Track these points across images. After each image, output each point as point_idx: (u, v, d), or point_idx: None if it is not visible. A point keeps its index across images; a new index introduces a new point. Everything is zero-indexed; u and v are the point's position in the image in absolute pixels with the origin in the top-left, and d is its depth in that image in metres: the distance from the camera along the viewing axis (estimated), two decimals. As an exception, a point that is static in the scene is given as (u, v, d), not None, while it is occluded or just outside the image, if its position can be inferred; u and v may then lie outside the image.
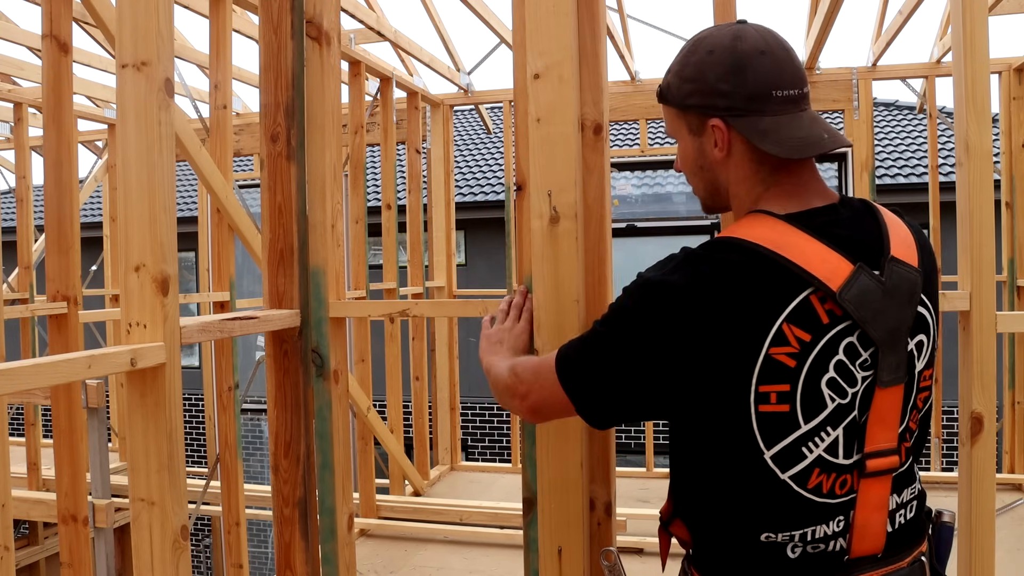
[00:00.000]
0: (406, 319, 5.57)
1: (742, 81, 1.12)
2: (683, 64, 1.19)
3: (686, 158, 1.24)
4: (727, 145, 1.16)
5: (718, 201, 1.26)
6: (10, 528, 3.10)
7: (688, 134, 1.21)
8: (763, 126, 1.12)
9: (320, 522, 2.03)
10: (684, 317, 1.05)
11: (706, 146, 1.19)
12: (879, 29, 4.64)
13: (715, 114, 1.15)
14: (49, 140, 2.98)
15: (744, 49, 1.13)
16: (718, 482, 1.13)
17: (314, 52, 2.02)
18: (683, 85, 1.18)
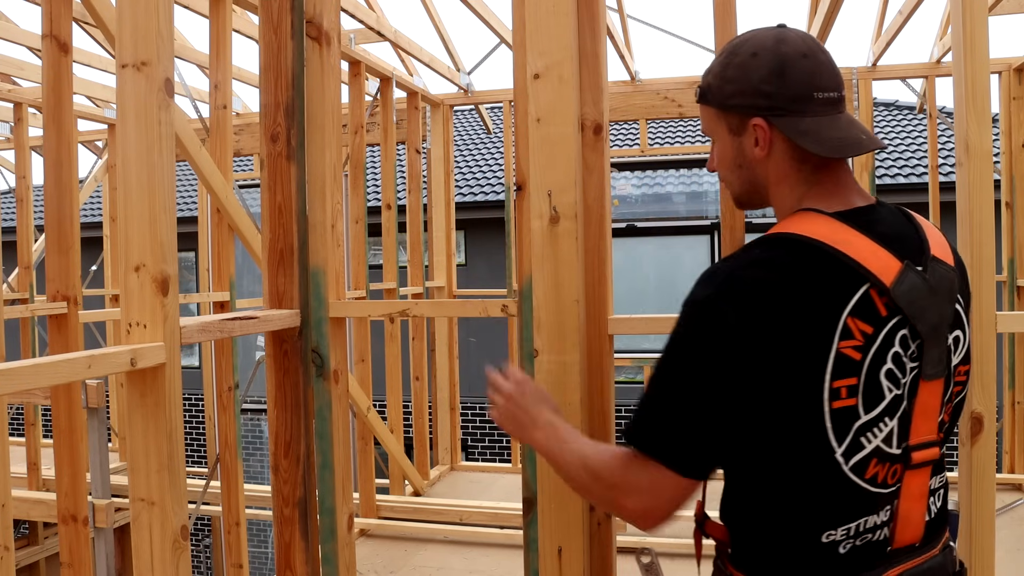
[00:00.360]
0: (406, 319, 5.57)
1: (785, 83, 1.16)
2: (725, 66, 1.22)
3: (724, 157, 1.27)
4: (768, 144, 1.19)
5: (754, 199, 1.28)
6: (10, 528, 3.10)
7: (727, 134, 1.24)
8: (804, 126, 1.16)
9: (320, 522, 2.02)
10: (757, 322, 1.06)
11: (746, 145, 1.22)
12: (879, 29, 4.64)
13: (757, 114, 1.18)
14: (49, 140, 2.98)
15: (787, 52, 1.16)
16: (781, 483, 1.12)
17: (314, 52, 2.02)
18: (725, 86, 1.21)
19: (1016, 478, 4.56)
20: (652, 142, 11.03)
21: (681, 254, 10.14)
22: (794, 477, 1.11)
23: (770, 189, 1.23)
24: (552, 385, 1.65)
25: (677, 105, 5.10)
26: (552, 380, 1.65)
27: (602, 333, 1.74)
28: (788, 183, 1.21)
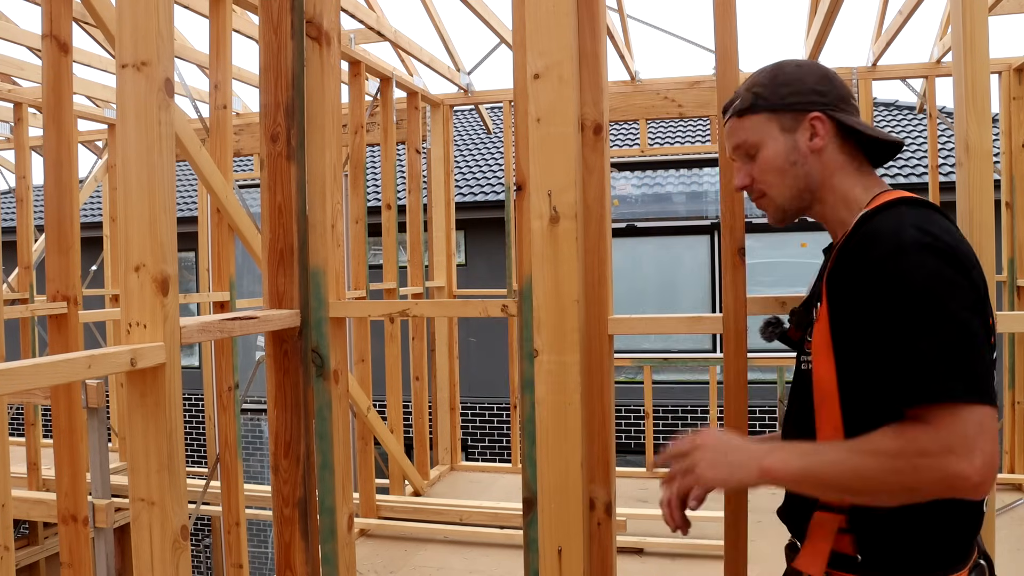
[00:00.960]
0: (406, 319, 5.57)
1: (834, 85, 1.34)
2: (774, 75, 1.36)
3: (774, 159, 1.35)
4: (825, 135, 1.32)
5: (804, 200, 1.36)
6: (10, 528, 3.10)
7: (780, 133, 1.34)
8: (852, 121, 1.32)
9: (320, 522, 2.03)
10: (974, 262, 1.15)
11: (800, 140, 1.33)
12: (879, 29, 4.64)
13: (816, 108, 1.32)
14: (49, 140, 2.98)
15: (824, 67, 1.37)
16: None
17: (314, 52, 2.02)
18: (779, 88, 1.34)
19: (1016, 478, 4.55)
20: (652, 142, 11.03)
21: (681, 254, 10.14)
22: None
23: (824, 185, 1.34)
24: (552, 385, 1.65)
25: (677, 105, 5.10)
26: (552, 380, 1.65)
27: (602, 333, 1.74)
28: (843, 175, 1.33)
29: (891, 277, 1.10)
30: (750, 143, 1.36)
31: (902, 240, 1.12)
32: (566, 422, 1.59)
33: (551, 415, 1.61)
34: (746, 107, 1.36)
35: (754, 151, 1.36)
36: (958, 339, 1.07)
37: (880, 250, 1.13)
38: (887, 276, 1.11)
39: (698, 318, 1.84)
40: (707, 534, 3.80)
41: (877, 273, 1.12)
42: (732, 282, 1.78)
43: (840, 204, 1.33)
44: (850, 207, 1.31)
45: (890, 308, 1.10)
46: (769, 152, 1.35)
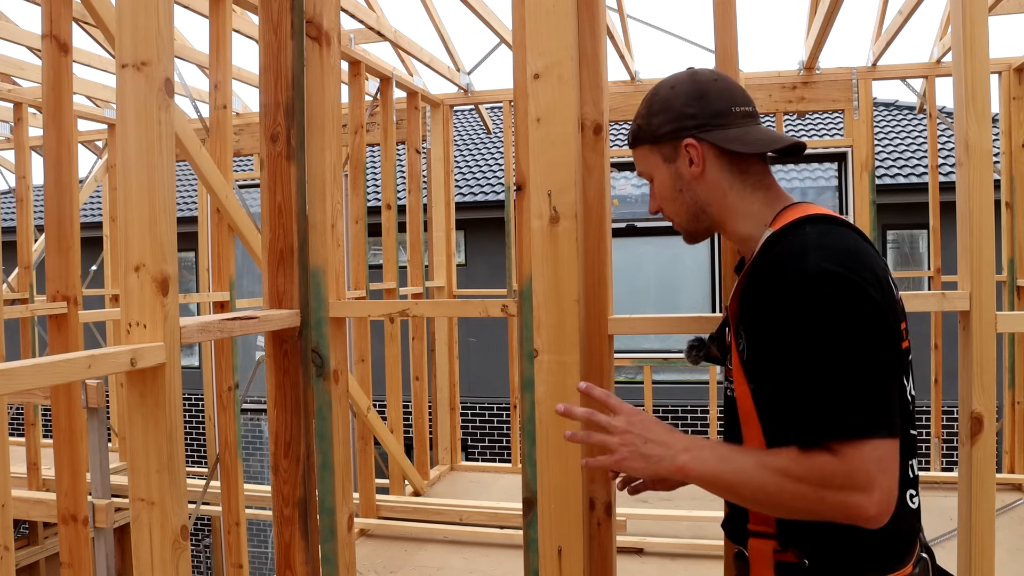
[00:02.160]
0: (406, 319, 5.57)
1: (705, 102, 1.30)
2: (649, 104, 1.36)
3: (663, 187, 1.38)
4: (702, 159, 1.31)
5: (702, 222, 1.38)
6: (10, 528, 3.10)
7: (662, 163, 1.36)
8: (731, 135, 1.29)
9: (320, 522, 2.03)
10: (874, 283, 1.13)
11: (681, 168, 1.33)
12: (879, 29, 4.64)
13: (687, 134, 1.31)
14: (49, 140, 2.98)
15: (701, 78, 1.33)
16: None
17: (314, 52, 2.02)
18: (652, 119, 1.34)
19: (1016, 478, 4.56)
20: (652, 142, 11.00)
21: (681, 254, 10.13)
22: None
23: (715, 205, 1.34)
24: (552, 385, 1.65)
25: (677, 105, 5.09)
26: (552, 380, 1.65)
27: (602, 333, 1.74)
28: (735, 193, 1.32)
29: (795, 312, 1.11)
30: (644, 174, 1.40)
31: (806, 270, 1.12)
32: (566, 422, 1.59)
33: (551, 415, 1.61)
34: (631, 140, 1.39)
35: (651, 181, 1.40)
36: (860, 374, 1.08)
37: (784, 280, 1.13)
38: (791, 310, 1.12)
39: (698, 318, 1.84)
40: (707, 534, 3.80)
41: (782, 306, 1.13)
42: (732, 282, 1.78)
43: (740, 223, 1.32)
44: (752, 224, 1.30)
45: (794, 343, 1.11)
46: (657, 183, 1.38)
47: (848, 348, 1.08)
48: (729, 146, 1.28)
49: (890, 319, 1.13)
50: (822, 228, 1.18)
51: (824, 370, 1.08)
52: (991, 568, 1.68)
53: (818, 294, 1.10)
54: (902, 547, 1.20)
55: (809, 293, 1.10)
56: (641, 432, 1.19)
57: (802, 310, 1.11)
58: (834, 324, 1.09)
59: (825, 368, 1.09)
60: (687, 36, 7.24)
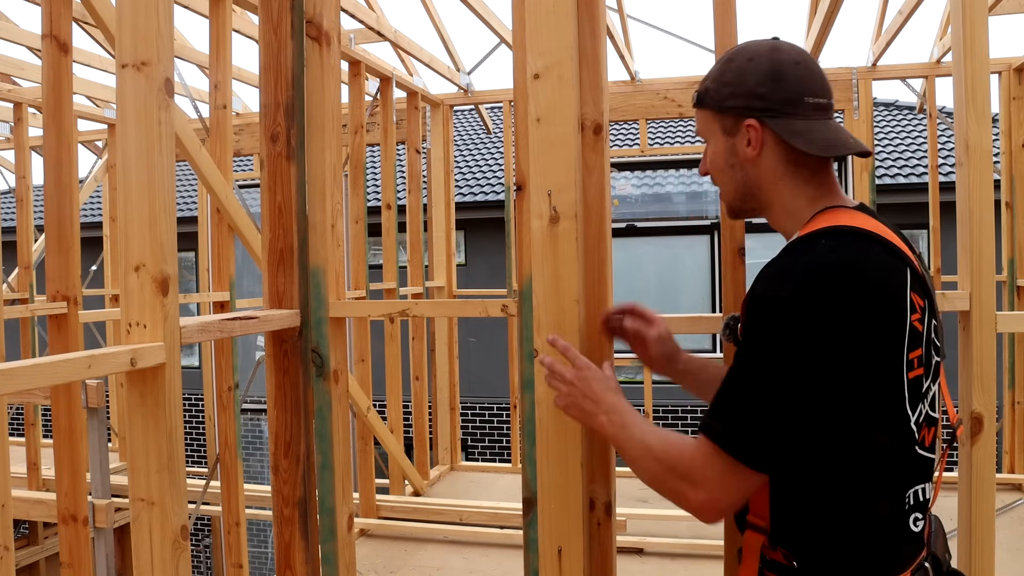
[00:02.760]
0: (406, 319, 5.57)
1: (779, 86, 1.24)
2: (722, 70, 1.30)
3: (716, 157, 1.33)
4: (760, 144, 1.26)
5: (748, 202, 1.33)
6: (10, 528, 3.10)
7: (721, 134, 1.30)
8: (796, 127, 1.24)
9: (320, 522, 2.02)
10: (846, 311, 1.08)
11: (739, 145, 1.28)
12: (879, 29, 4.64)
13: (751, 115, 1.26)
14: (49, 140, 2.98)
15: (781, 58, 1.26)
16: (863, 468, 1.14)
17: (314, 52, 2.02)
18: (722, 88, 1.29)
19: (1016, 478, 4.56)
20: (652, 142, 11.02)
21: (681, 254, 10.14)
22: (877, 456, 1.14)
23: (764, 190, 1.29)
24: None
25: (677, 105, 5.10)
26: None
27: (602, 333, 1.74)
28: (787, 184, 1.28)
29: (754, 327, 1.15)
30: (702, 134, 1.35)
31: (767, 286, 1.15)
32: (566, 422, 1.59)
33: (551, 415, 1.61)
34: (696, 101, 1.34)
35: (706, 144, 1.35)
36: (758, 396, 1.11)
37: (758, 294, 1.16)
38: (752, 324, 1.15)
39: (698, 318, 1.84)
40: (707, 534, 3.80)
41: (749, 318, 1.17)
42: (732, 282, 1.78)
43: (784, 215, 1.30)
44: (794, 220, 1.28)
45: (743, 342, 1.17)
46: (712, 151, 1.33)
47: (767, 369, 1.11)
48: (791, 140, 1.23)
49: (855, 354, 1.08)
50: (835, 243, 1.14)
51: (737, 380, 1.15)
52: (991, 568, 1.68)
53: (764, 313, 1.14)
54: (893, 555, 1.18)
55: (771, 313, 1.12)
56: (582, 387, 1.36)
57: (758, 327, 1.14)
58: (766, 345, 1.12)
59: (739, 379, 1.15)
60: (687, 36, 7.23)
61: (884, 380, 1.11)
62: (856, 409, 1.11)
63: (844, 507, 1.15)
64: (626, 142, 11.53)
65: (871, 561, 1.16)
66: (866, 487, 1.15)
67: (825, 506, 1.16)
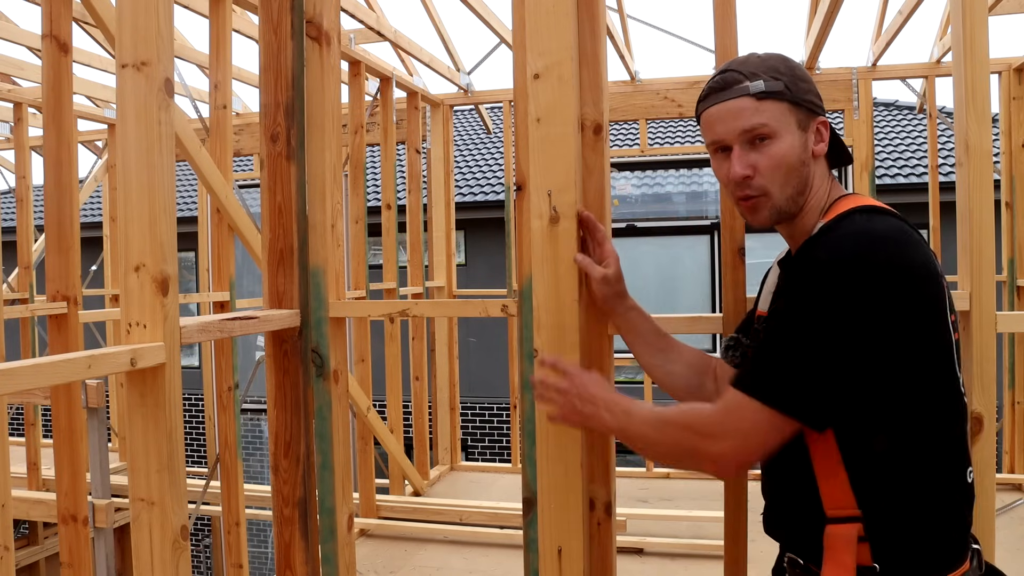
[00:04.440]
0: (406, 319, 5.57)
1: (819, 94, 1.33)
2: (793, 68, 1.30)
3: (790, 152, 1.27)
4: (826, 143, 1.31)
5: (797, 203, 1.31)
6: (10, 528, 3.10)
7: (796, 128, 1.28)
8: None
9: (320, 522, 2.03)
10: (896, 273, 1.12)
11: (810, 142, 1.30)
12: (879, 29, 4.64)
13: (822, 113, 1.31)
14: (49, 140, 2.98)
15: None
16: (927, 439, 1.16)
17: (314, 52, 2.02)
18: (799, 83, 1.29)
19: (1016, 478, 4.56)
20: (652, 142, 11.02)
21: (681, 254, 10.13)
22: (940, 418, 1.17)
23: (813, 189, 1.31)
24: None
25: (677, 105, 5.10)
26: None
27: (602, 333, 1.74)
28: (824, 182, 1.33)
29: (818, 279, 1.14)
30: (768, 129, 1.25)
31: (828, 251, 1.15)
32: (566, 422, 1.59)
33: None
34: (772, 91, 1.25)
35: (767, 140, 1.26)
36: (816, 350, 1.12)
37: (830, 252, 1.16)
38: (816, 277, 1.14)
39: (698, 318, 1.84)
40: (707, 534, 3.80)
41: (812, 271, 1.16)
42: (732, 282, 1.78)
43: (812, 215, 1.31)
44: (815, 217, 1.30)
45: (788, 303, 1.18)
46: (785, 145, 1.26)
47: (822, 327, 1.11)
48: (838, 143, 1.32)
49: (904, 311, 1.11)
50: (869, 216, 1.20)
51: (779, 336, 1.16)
52: (991, 568, 1.68)
53: (822, 274, 1.13)
54: (963, 541, 1.19)
55: (831, 272, 1.12)
56: (578, 392, 1.36)
57: (813, 286, 1.13)
58: (822, 304, 1.12)
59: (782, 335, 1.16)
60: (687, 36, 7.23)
61: (936, 341, 1.15)
62: (913, 367, 1.13)
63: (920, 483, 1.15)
64: (626, 142, 11.53)
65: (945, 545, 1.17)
66: (937, 456, 1.16)
67: (908, 482, 1.15)
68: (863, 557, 1.16)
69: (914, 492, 1.15)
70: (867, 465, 1.16)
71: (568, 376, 1.39)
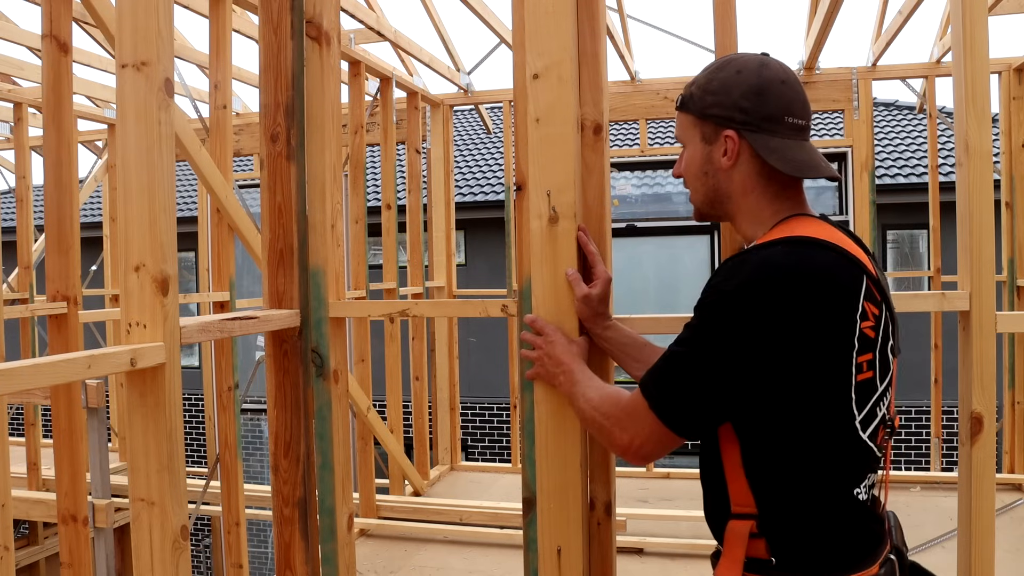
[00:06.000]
0: (406, 319, 5.57)
1: (762, 102, 1.29)
2: (709, 78, 1.34)
3: (692, 163, 1.37)
4: (735, 156, 1.31)
5: (716, 209, 1.39)
6: (10, 528, 3.10)
7: (700, 141, 1.35)
8: (773, 144, 1.29)
9: (320, 522, 2.03)
10: (786, 311, 1.15)
11: (715, 154, 1.33)
12: (879, 29, 4.64)
13: (731, 126, 1.30)
14: (49, 140, 2.98)
15: (768, 75, 1.30)
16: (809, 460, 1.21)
17: (314, 52, 2.02)
18: (706, 96, 1.32)
19: (1016, 478, 4.56)
20: (652, 142, 11.02)
21: (681, 254, 10.14)
22: (819, 446, 1.21)
23: (733, 200, 1.35)
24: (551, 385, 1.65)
25: (677, 105, 5.09)
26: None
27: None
28: (756, 196, 1.33)
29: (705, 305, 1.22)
30: (681, 139, 1.39)
31: (720, 277, 1.21)
32: (566, 422, 1.59)
33: (551, 415, 1.61)
34: (679, 104, 1.38)
35: (685, 148, 1.39)
36: (689, 371, 1.21)
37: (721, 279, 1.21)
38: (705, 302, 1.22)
39: (698, 318, 1.83)
40: (707, 534, 3.79)
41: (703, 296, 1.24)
42: (732, 282, 1.77)
43: (748, 225, 1.34)
44: (757, 227, 1.33)
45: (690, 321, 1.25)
46: (688, 155, 1.38)
47: (704, 351, 1.19)
48: (766, 156, 1.28)
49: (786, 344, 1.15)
50: (790, 249, 1.20)
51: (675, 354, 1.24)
52: (991, 568, 1.68)
53: (712, 300, 1.21)
54: (867, 545, 1.25)
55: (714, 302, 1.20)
56: (550, 353, 1.53)
57: (702, 311, 1.22)
58: (708, 330, 1.20)
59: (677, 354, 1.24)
60: (687, 36, 7.23)
61: (820, 381, 1.18)
62: (791, 397, 1.18)
63: (804, 494, 1.22)
64: (626, 142, 11.53)
65: (838, 549, 1.22)
66: (819, 475, 1.22)
67: (794, 491, 1.22)
68: (759, 551, 1.24)
69: (798, 500, 1.22)
70: (760, 471, 1.24)
71: (544, 335, 1.55)
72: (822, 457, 1.21)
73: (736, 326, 1.16)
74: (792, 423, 1.20)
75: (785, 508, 1.23)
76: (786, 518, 1.23)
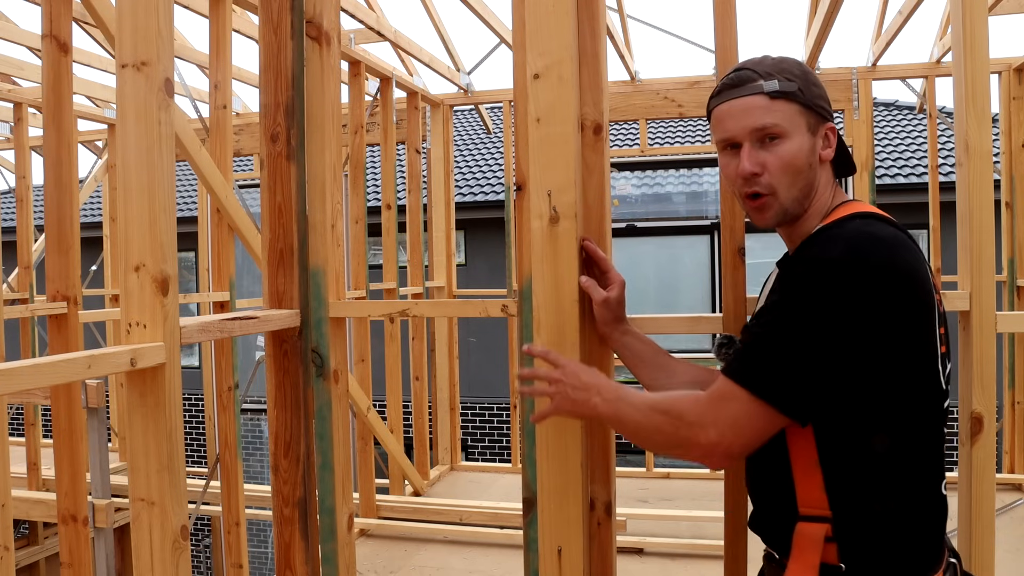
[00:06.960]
0: (406, 319, 5.57)
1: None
2: (804, 72, 1.32)
3: (799, 154, 1.28)
4: (833, 149, 1.33)
5: (802, 205, 1.33)
6: (10, 528, 3.10)
7: (806, 131, 1.29)
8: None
9: (320, 522, 2.03)
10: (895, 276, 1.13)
11: (818, 144, 1.31)
12: (879, 29, 4.64)
13: (830, 119, 1.33)
14: (49, 140, 2.98)
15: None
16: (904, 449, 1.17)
17: (314, 52, 2.02)
18: (811, 88, 1.30)
19: (1016, 478, 4.56)
20: (652, 142, 11.02)
21: (681, 254, 10.13)
22: (921, 428, 1.18)
23: (818, 193, 1.33)
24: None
25: (677, 105, 5.10)
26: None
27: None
28: (828, 192, 1.34)
29: (808, 276, 1.16)
30: (779, 129, 1.26)
31: (820, 250, 1.18)
32: (566, 422, 1.59)
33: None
34: (785, 92, 1.27)
35: (776, 139, 1.27)
36: (791, 344, 1.14)
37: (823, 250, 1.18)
38: (807, 274, 1.16)
39: (698, 318, 1.84)
40: (707, 534, 3.80)
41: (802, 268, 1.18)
42: (732, 282, 1.78)
43: (812, 220, 1.32)
44: (815, 222, 1.32)
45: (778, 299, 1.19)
46: (794, 146, 1.27)
47: (806, 322, 1.13)
48: (844, 151, 1.33)
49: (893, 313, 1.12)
50: (868, 221, 1.21)
51: (769, 330, 1.17)
52: (991, 568, 1.68)
53: (811, 272, 1.15)
54: (934, 549, 1.20)
55: (821, 270, 1.14)
56: (570, 380, 1.33)
57: (803, 282, 1.16)
58: (807, 299, 1.14)
59: (771, 329, 1.17)
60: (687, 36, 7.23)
61: (921, 348, 1.15)
62: (897, 371, 1.14)
63: (893, 491, 1.16)
64: (626, 142, 11.53)
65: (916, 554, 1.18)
66: (912, 468, 1.17)
67: (881, 489, 1.16)
68: (830, 556, 1.18)
69: (885, 499, 1.16)
70: (842, 467, 1.18)
71: (560, 366, 1.36)
72: (917, 445, 1.17)
73: (848, 289, 1.11)
74: (890, 404, 1.15)
75: (867, 509, 1.16)
76: (867, 521, 1.16)
